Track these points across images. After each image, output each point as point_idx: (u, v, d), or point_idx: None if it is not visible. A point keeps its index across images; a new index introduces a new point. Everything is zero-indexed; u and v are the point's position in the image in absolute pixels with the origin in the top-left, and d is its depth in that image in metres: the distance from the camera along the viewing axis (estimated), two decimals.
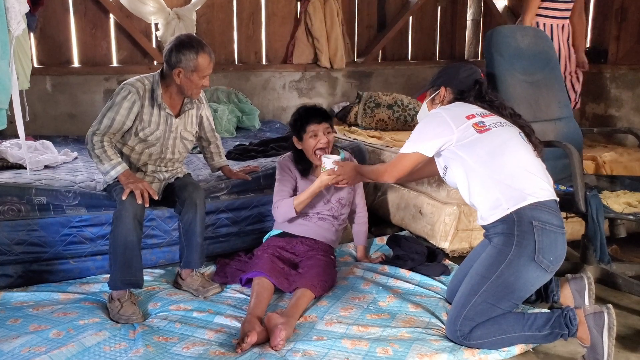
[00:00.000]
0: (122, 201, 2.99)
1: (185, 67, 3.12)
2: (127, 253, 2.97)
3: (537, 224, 2.60)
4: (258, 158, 4.33)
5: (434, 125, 2.86)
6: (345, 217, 3.64)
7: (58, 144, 4.74)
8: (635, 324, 3.02)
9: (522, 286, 2.62)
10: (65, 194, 3.35)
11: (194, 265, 3.30)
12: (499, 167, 2.70)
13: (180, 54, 3.11)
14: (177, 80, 3.17)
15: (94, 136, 3.12)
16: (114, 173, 3.12)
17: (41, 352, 2.55)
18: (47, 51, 5.56)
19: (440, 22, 7.33)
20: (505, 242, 2.64)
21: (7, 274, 3.27)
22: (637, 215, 3.15)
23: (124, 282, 2.99)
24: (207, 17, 6.11)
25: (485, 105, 2.94)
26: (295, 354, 2.61)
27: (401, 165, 2.96)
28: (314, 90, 6.70)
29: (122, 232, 2.95)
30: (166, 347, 2.68)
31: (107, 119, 3.13)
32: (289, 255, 3.41)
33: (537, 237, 2.58)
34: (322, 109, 3.50)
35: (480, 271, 2.68)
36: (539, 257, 2.58)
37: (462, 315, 2.65)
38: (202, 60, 3.14)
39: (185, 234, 3.27)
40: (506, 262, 2.61)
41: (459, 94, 3.01)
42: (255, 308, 2.91)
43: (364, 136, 5.20)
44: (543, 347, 2.76)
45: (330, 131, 3.43)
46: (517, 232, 2.61)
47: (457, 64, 3.29)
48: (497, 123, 2.83)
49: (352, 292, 3.26)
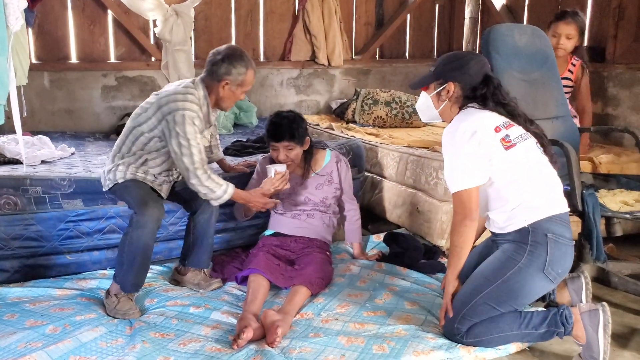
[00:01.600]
0: (144, 204, 2.94)
1: (234, 80, 3.09)
2: (144, 258, 2.98)
3: (551, 237, 2.58)
4: (255, 154, 4.33)
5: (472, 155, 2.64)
6: (336, 211, 3.66)
7: (55, 139, 4.73)
8: (631, 322, 3.03)
9: (526, 294, 2.62)
10: (60, 182, 3.34)
11: (203, 265, 3.32)
12: (520, 185, 2.64)
13: (231, 66, 3.07)
14: (220, 93, 3.12)
15: (197, 171, 2.99)
16: (227, 196, 3.08)
17: (37, 348, 2.55)
18: (45, 47, 5.55)
19: (438, 20, 7.32)
20: (516, 249, 2.62)
21: (4, 269, 3.27)
22: (633, 214, 3.16)
23: (134, 285, 3.00)
24: (205, 14, 6.10)
25: (505, 112, 2.75)
26: (292, 350, 2.62)
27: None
28: (312, 87, 6.70)
29: (142, 237, 2.92)
30: (163, 343, 2.68)
31: (195, 150, 2.98)
32: (285, 253, 3.42)
33: (549, 250, 2.57)
34: (284, 128, 3.36)
35: (485, 273, 2.67)
36: (548, 269, 2.57)
37: (461, 313, 2.66)
38: (250, 75, 3.13)
39: (198, 234, 3.27)
40: (515, 269, 2.59)
41: (471, 91, 2.78)
42: (251, 305, 2.92)
43: (362, 133, 5.20)
44: (539, 345, 2.76)
45: (291, 148, 3.39)
46: (531, 242, 2.59)
47: (464, 55, 3.04)
48: (520, 136, 2.68)
49: (348, 289, 3.27)
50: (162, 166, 3.17)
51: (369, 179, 4.59)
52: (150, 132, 3.06)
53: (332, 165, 3.60)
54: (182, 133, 2.95)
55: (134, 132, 3.10)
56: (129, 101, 5.85)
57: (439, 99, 2.86)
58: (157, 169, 3.17)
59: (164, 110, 3.00)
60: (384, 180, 4.44)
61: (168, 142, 3.01)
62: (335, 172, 3.59)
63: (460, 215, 2.66)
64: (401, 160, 4.25)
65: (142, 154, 3.11)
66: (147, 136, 3.07)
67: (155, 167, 3.16)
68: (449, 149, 2.69)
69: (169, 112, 2.98)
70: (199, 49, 6.14)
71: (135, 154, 3.11)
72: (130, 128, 3.13)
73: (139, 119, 3.10)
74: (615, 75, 5.30)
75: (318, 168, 3.57)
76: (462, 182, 2.63)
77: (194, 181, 3.01)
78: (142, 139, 3.08)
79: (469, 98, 2.79)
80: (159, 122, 3.02)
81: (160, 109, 3.02)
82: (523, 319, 2.61)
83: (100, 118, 5.77)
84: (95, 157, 4.27)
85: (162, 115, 3.00)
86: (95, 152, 4.51)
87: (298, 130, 3.37)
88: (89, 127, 5.69)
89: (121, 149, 3.14)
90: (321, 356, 2.57)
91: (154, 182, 3.17)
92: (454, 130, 2.68)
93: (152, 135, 3.06)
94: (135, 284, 3.00)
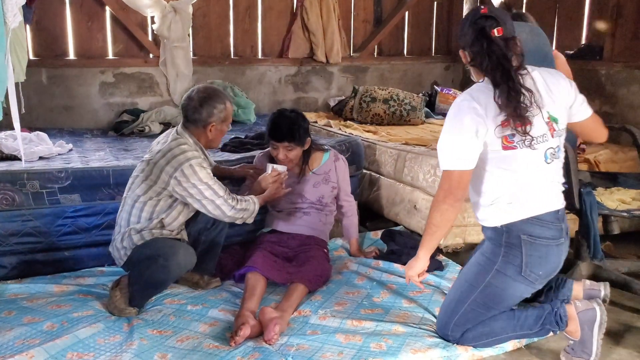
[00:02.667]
0: (173, 252, 2.89)
1: (217, 119, 3.08)
2: (159, 289, 3.01)
3: (525, 238, 2.50)
4: (253, 151, 4.33)
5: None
6: (332, 209, 3.66)
7: (53, 136, 4.73)
8: (628, 320, 3.04)
9: (509, 297, 2.60)
10: (57, 174, 3.35)
11: (208, 272, 3.31)
12: (500, 185, 2.51)
13: (211, 108, 3.06)
14: (209, 135, 3.11)
15: (226, 203, 2.99)
16: (257, 206, 3.13)
17: (35, 344, 2.56)
18: (43, 43, 5.54)
19: (436, 17, 7.32)
20: (493, 251, 2.58)
21: (2, 265, 3.28)
22: (630, 212, 3.17)
23: (141, 304, 3.00)
24: (204, 11, 6.09)
25: (518, 101, 2.39)
26: (289, 348, 2.62)
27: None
28: (310, 84, 6.69)
29: (164, 279, 2.92)
30: (160, 340, 2.69)
31: (217, 187, 2.99)
32: (282, 250, 3.42)
33: (525, 251, 2.50)
34: (286, 128, 3.36)
35: (469, 278, 2.65)
36: (526, 271, 2.52)
37: (452, 321, 2.65)
38: (229, 107, 3.14)
39: (209, 244, 3.26)
40: (493, 273, 2.56)
41: (473, 58, 2.51)
42: (249, 302, 2.92)
43: (360, 130, 5.19)
44: (535, 343, 2.77)
45: (291, 148, 3.39)
46: (505, 243, 2.54)
47: (469, 12, 2.64)
48: (525, 141, 2.42)
49: (346, 286, 3.27)
50: (178, 219, 3.12)
51: (367, 176, 4.59)
52: (158, 195, 3.02)
53: (330, 164, 3.60)
54: (198, 182, 2.94)
55: (138, 203, 3.03)
56: (126, 98, 5.84)
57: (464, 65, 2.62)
58: (176, 224, 3.11)
59: (169, 171, 2.95)
60: (382, 178, 4.45)
61: (187, 197, 2.98)
62: (332, 171, 3.59)
63: (446, 191, 2.47)
64: (399, 158, 4.26)
65: (156, 216, 3.05)
66: (156, 199, 3.03)
67: (173, 221, 3.09)
68: (449, 123, 2.48)
69: (174, 171, 2.94)
70: (197, 46, 6.13)
71: (149, 219, 3.04)
72: (132, 200, 3.05)
73: (140, 189, 3.03)
74: (613, 74, 5.31)
75: (316, 167, 3.57)
76: (455, 162, 2.45)
77: (230, 213, 3.01)
78: (150, 202, 3.03)
79: (474, 67, 2.55)
80: (166, 184, 2.97)
81: (163, 172, 2.97)
82: (517, 320, 2.60)
83: (98, 115, 5.76)
84: (93, 154, 4.26)
85: (167, 177, 2.96)
86: (93, 149, 4.51)
87: (299, 132, 3.37)
88: (86, 123, 5.68)
89: (129, 221, 3.05)
90: (319, 353, 2.58)
91: (171, 234, 3.11)
92: (459, 106, 2.48)
93: (160, 198, 3.03)
94: (141, 304, 3.00)
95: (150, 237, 2.99)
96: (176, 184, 2.95)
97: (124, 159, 4.02)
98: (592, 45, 5.59)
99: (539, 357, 2.68)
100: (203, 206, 2.99)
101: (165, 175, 2.96)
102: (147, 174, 3.02)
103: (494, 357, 2.66)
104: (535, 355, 2.69)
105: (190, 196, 2.97)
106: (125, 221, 3.06)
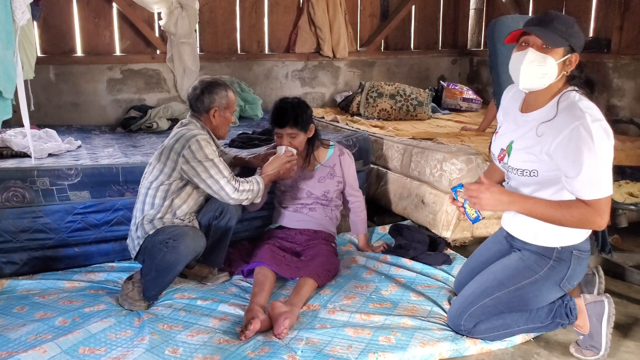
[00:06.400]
0: (183, 234, 2.94)
1: (219, 105, 3.19)
2: (171, 278, 3.01)
3: (576, 253, 2.53)
4: (261, 146, 4.34)
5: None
6: (338, 204, 3.66)
7: (62, 132, 4.75)
8: (636, 312, 3.04)
9: (536, 303, 2.61)
10: (67, 171, 3.37)
11: (217, 265, 3.33)
12: None
13: (212, 94, 3.18)
14: (213, 122, 3.21)
15: (229, 184, 3.02)
16: (262, 185, 3.14)
17: (47, 340, 2.58)
18: (51, 40, 5.56)
19: (443, 11, 7.32)
20: (537, 261, 2.57)
21: (13, 262, 3.30)
22: (638, 205, 3.17)
23: (154, 296, 3.04)
24: (210, 6, 6.10)
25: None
26: (299, 341, 2.64)
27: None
28: (317, 79, 6.70)
29: (175, 263, 2.92)
30: (171, 334, 2.71)
31: (221, 166, 3.04)
32: (290, 245, 3.43)
33: (572, 266, 2.53)
34: (289, 113, 3.36)
35: (499, 277, 2.64)
36: (564, 283, 2.56)
37: (468, 311, 2.65)
38: (231, 95, 3.25)
39: (219, 235, 3.27)
40: (531, 280, 2.56)
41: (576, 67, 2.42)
42: (258, 296, 2.94)
43: (367, 126, 5.20)
44: (544, 335, 2.78)
45: (295, 135, 3.38)
46: (555, 257, 2.54)
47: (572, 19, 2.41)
48: None
49: (354, 281, 3.29)
50: (188, 202, 3.17)
51: (374, 171, 4.60)
52: (169, 177, 3.08)
53: (335, 158, 3.60)
54: (204, 158, 3.00)
55: (152, 189, 3.10)
56: (134, 94, 5.86)
57: (563, 68, 2.39)
58: (185, 207, 3.16)
59: (177, 149, 3.04)
60: (389, 172, 4.45)
61: (194, 176, 3.03)
62: (338, 165, 3.59)
63: (602, 220, 2.31)
64: (406, 152, 4.26)
65: (167, 198, 3.11)
66: (168, 182, 3.09)
67: (183, 204, 3.15)
68: (605, 148, 2.27)
69: (182, 148, 3.03)
70: (204, 42, 6.15)
71: (161, 204, 3.10)
72: (146, 188, 3.13)
73: (152, 175, 3.11)
74: (620, 66, 5.29)
75: (321, 161, 3.58)
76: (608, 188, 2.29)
77: (234, 195, 3.04)
78: (162, 187, 3.09)
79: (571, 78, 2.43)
80: (175, 163, 3.05)
81: (172, 151, 3.06)
82: (529, 313, 2.62)
83: (106, 111, 5.78)
84: (101, 150, 4.29)
85: (176, 155, 3.04)
86: (101, 145, 4.53)
87: (302, 116, 3.37)
88: (95, 120, 5.70)
89: (143, 210, 3.12)
90: (328, 347, 2.59)
91: (182, 223, 3.16)
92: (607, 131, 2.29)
93: (171, 180, 3.09)
94: (155, 296, 3.04)
95: (161, 225, 3.06)
96: (184, 162, 3.02)
97: (133, 155, 4.04)
98: (599, 38, 5.58)
99: (547, 350, 2.69)
100: (208, 186, 3.05)
101: (174, 154, 3.05)
102: (158, 157, 3.13)
103: (502, 350, 2.67)
104: (544, 348, 2.70)
105: (197, 175, 3.02)
106: (140, 211, 3.13)
